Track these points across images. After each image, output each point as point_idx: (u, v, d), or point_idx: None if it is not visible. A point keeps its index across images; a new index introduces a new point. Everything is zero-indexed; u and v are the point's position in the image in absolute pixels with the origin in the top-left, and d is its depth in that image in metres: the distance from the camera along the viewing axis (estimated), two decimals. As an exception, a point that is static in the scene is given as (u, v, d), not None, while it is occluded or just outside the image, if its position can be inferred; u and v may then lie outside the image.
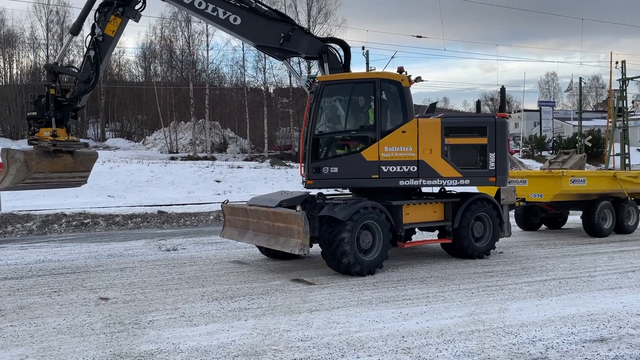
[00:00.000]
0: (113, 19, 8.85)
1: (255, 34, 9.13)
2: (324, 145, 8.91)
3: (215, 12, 8.85)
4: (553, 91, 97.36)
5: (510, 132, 74.56)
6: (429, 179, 8.92)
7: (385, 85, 8.80)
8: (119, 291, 7.33)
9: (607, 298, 6.85)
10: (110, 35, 8.89)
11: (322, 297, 6.94)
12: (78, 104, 8.92)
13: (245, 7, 9.03)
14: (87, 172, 9.13)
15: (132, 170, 24.73)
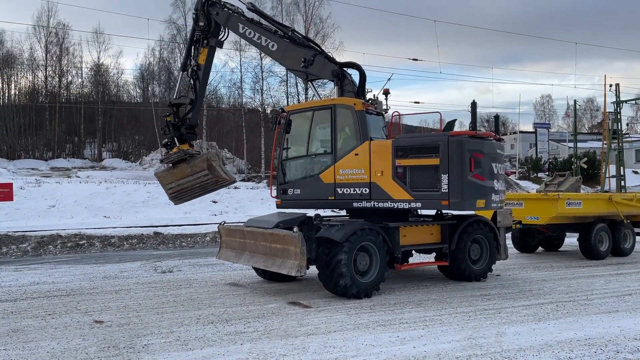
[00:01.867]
0: (202, 50, 10.55)
1: (285, 59, 10.18)
2: (289, 169, 9.62)
3: (259, 40, 10.20)
4: (548, 113, 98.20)
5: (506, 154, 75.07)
6: (381, 202, 8.76)
7: (340, 110, 9.12)
8: (113, 314, 7.27)
9: (605, 322, 6.83)
10: (202, 64, 10.56)
11: (319, 320, 6.90)
12: (189, 122, 10.55)
13: (281, 35, 10.09)
14: (205, 171, 10.02)
15: (129, 190, 24.68)
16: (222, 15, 10.30)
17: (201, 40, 10.49)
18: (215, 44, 10.58)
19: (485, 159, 8.68)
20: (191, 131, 10.57)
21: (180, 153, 10.08)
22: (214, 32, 10.51)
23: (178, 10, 43.01)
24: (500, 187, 9.30)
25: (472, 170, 8.38)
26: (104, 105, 56.66)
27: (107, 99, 59.61)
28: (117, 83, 63.61)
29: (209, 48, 10.49)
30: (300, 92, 44.28)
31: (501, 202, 9.47)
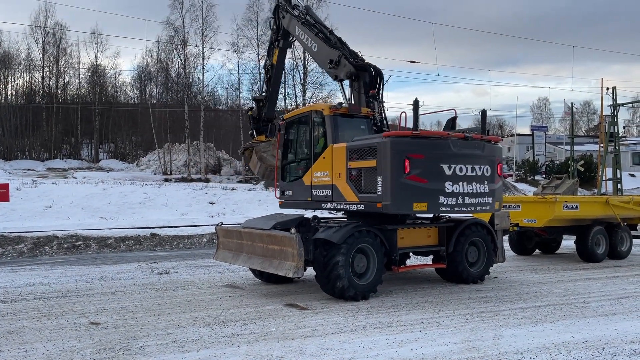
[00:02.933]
0: (275, 51, 11.89)
1: (320, 59, 10.89)
2: (286, 171, 10.04)
3: (307, 41, 10.96)
4: (545, 116, 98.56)
5: (503, 156, 75.21)
6: (339, 203, 8.87)
7: (314, 116, 9.40)
8: (110, 316, 7.23)
9: (602, 325, 6.83)
10: (274, 63, 11.92)
11: (316, 322, 6.88)
12: (265, 116, 11.85)
13: (321, 36, 10.75)
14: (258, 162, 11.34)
15: (125, 191, 24.60)
16: (286, 19, 11.39)
17: (274, 42, 11.88)
18: (284, 45, 11.83)
19: (430, 160, 8.22)
20: (270, 123, 11.77)
21: (250, 143, 11.79)
22: (283, 35, 11.70)
23: (176, 11, 42.98)
24: (461, 189, 8.43)
25: (407, 171, 8.01)
26: (101, 106, 56.60)
27: (104, 99, 59.59)
28: (114, 84, 63.63)
29: (279, 49, 11.78)
30: (297, 93, 44.30)
31: (467, 205, 8.57)
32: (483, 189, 8.78)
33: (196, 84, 45.62)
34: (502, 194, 9.61)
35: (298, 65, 43.56)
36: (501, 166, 9.31)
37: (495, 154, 9.19)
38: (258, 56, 43.32)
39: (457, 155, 8.45)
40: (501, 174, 9.30)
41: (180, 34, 43.17)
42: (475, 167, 8.66)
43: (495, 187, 9.09)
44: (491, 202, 9.04)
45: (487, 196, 8.90)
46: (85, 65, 58.96)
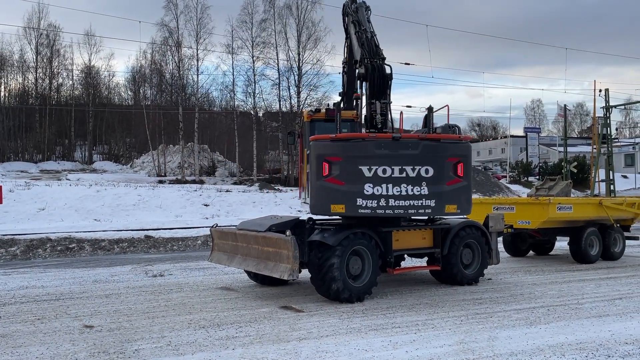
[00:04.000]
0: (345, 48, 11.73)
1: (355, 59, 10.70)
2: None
3: (356, 42, 10.58)
4: (539, 117, 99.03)
5: (497, 158, 75.47)
6: (306, 205, 9.31)
7: (303, 122, 9.83)
8: (104, 319, 7.19)
9: (595, 326, 6.86)
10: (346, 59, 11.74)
11: (311, 325, 6.88)
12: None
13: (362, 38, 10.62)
14: None
15: (119, 193, 24.50)
16: (348, 20, 11.34)
17: (345, 39, 11.92)
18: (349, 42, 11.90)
19: (348, 163, 8.19)
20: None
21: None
22: (347, 32, 11.67)
23: (170, 12, 42.86)
24: (385, 191, 8.16)
25: (326, 174, 8.15)
26: (95, 107, 56.39)
27: (98, 101, 59.37)
28: (108, 85, 63.42)
29: (346, 46, 11.87)
30: (292, 95, 44.30)
31: (394, 208, 8.23)
32: (419, 191, 8.24)
33: (190, 86, 45.53)
34: (463, 195, 8.54)
35: (292, 67, 43.59)
36: (462, 166, 8.45)
37: (445, 153, 8.41)
38: (252, 58, 43.31)
39: (380, 156, 8.21)
40: (462, 174, 8.47)
41: (174, 36, 43.08)
42: (407, 168, 8.21)
43: (443, 189, 8.33)
44: (434, 205, 8.31)
45: (426, 198, 8.27)
46: (79, 67, 58.78)
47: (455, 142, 8.62)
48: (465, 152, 8.64)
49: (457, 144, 8.61)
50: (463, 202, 8.61)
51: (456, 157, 8.45)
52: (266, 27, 43.37)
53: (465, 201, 8.68)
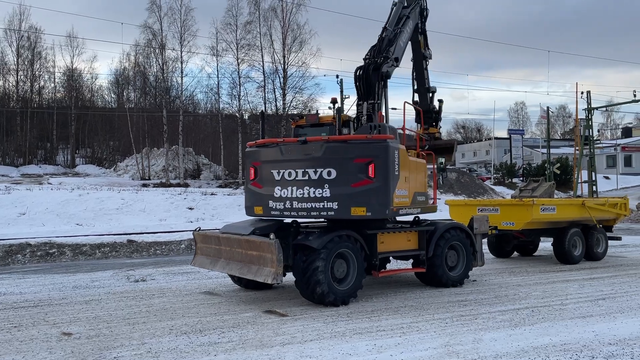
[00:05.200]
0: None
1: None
2: None
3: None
4: (522, 119, 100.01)
5: (481, 160, 75.95)
6: None
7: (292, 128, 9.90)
8: (83, 325, 7.03)
9: (579, 327, 6.87)
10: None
11: (295, 329, 6.79)
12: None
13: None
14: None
15: (102, 197, 24.17)
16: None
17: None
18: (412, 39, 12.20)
19: (264, 167, 8.64)
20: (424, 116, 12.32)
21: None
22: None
23: (154, 15, 42.43)
24: (289, 193, 8.34)
25: (252, 178, 8.89)
26: (78, 110, 55.66)
27: (80, 104, 58.61)
28: (91, 88, 62.64)
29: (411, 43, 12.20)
30: (277, 98, 44.18)
31: (297, 210, 8.30)
32: (321, 193, 8.14)
33: (175, 88, 45.16)
34: (375, 197, 8.06)
35: (278, 70, 43.48)
36: (373, 166, 8.02)
37: (352, 154, 8.12)
38: (237, 60, 43.10)
39: (287, 160, 8.43)
40: (373, 175, 7.99)
41: (158, 38, 42.72)
42: (309, 170, 8.21)
43: (348, 191, 8.05)
44: (337, 207, 8.07)
45: (327, 201, 8.11)
46: (61, 69, 57.98)
47: (364, 142, 8.14)
48: (377, 152, 8.06)
49: (367, 144, 8.12)
50: (374, 203, 8.03)
51: (366, 158, 8.02)
52: (251, 30, 43.15)
53: (378, 203, 8.05)
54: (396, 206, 8.37)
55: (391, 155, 8.18)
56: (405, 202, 8.74)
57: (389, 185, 8.13)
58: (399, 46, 10.76)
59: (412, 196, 8.99)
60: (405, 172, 8.66)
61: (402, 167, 8.49)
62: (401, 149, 8.60)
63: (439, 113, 13.01)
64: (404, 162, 8.59)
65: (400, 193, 8.50)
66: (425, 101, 12.76)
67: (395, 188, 8.30)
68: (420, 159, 9.70)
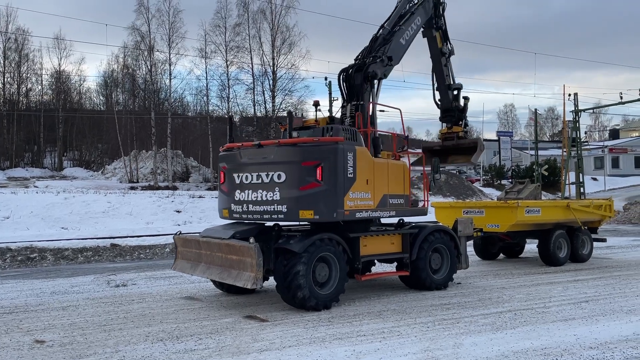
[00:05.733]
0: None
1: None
2: None
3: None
4: (511, 122, 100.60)
5: (471, 161, 76.08)
6: None
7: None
8: (57, 333, 6.87)
9: (561, 330, 6.82)
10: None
11: (274, 335, 6.68)
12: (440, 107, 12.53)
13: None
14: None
15: (88, 200, 23.89)
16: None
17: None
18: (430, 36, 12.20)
19: (229, 171, 8.82)
20: (447, 113, 12.38)
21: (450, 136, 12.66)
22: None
23: (141, 16, 42.22)
24: (247, 197, 8.42)
25: (221, 182, 9.05)
26: (65, 113, 55.18)
27: (68, 106, 58.11)
28: (79, 90, 62.13)
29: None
30: (267, 100, 44.05)
31: (253, 213, 8.34)
32: (271, 197, 8.13)
33: (164, 90, 44.91)
34: (323, 200, 7.89)
35: (267, 72, 43.37)
36: (321, 169, 7.86)
37: (301, 157, 8.03)
38: (226, 62, 42.94)
39: (245, 164, 8.60)
40: (321, 178, 7.82)
41: (146, 40, 42.45)
42: (262, 174, 8.27)
43: (296, 194, 7.96)
44: (286, 211, 8.03)
45: (277, 204, 8.07)
46: (49, 71, 57.48)
47: (313, 145, 8.05)
48: (326, 155, 7.90)
49: (315, 147, 8.02)
50: (322, 207, 7.89)
51: (314, 161, 7.91)
52: (240, 32, 43.06)
53: (325, 206, 7.89)
54: (349, 209, 8.09)
55: (341, 158, 7.96)
56: (366, 205, 8.40)
57: (337, 188, 7.94)
58: (397, 44, 10.50)
59: (379, 199, 8.65)
60: (366, 175, 8.37)
61: (360, 170, 8.22)
62: (359, 151, 8.29)
63: (463, 111, 12.61)
64: (363, 164, 8.31)
65: (356, 196, 8.20)
66: (447, 99, 12.40)
67: (347, 191, 8.04)
68: (397, 161, 9.43)
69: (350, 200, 8.13)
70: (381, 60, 9.99)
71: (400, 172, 9.29)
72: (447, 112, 12.34)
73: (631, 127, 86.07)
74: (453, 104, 12.47)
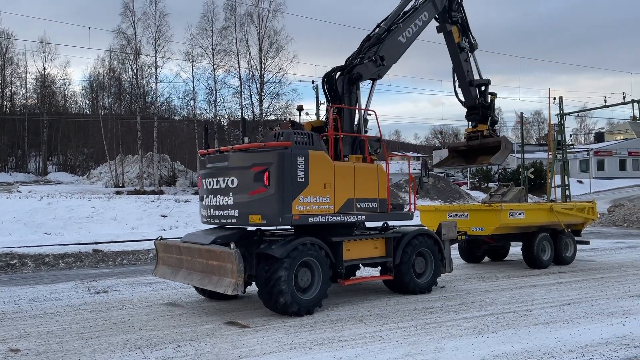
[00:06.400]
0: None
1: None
2: None
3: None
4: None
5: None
6: None
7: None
8: (33, 341, 6.73)
9: (542, 333, 6.82)
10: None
11: (255, 341, 6.60)
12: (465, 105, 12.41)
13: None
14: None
15: (72, 205, 23.62)
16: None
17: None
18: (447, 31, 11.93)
19: (203, 178, 8.99)
20: (472, 112, 12.12)
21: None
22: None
23: (127, 20, 42.00)
24: (209, 202, 8.58)
25: (199, 187, 9.25)
26: (50, 117, 54.59)
27: (53, 110, 57.52)
28: (64, 94, 61.54)
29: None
30: (254, 103, 43.94)
31: (213, 217, 8.52)
32: (226, 202, 8.29)
33: (150, 94, 44.61)
34: (269, 205, 7.87)
35: (254, 75, 43.28)
36: (268, 174, 7.87)
37: (250, 162, 8.09)
38: (213, 66, 42.80)
39: (210, 170, 8.75)
40: (268, 183, 7.85)
41: (132, 43, 42.19)
42: (220, 179, 8.42)
43: (246, 199, 8.04)
44: (238, 215, 8.11)
45: (231, 209, 8.20)
46: (33, 75, 56.87)
47: (261, 150, 8.08)
48: (271, 160, 7.90)
49: (263, 152, 8.04)
50: (268, 212, 7.88)
51: (261, 166, 7.96)
52: (227, 35, 43.00)
53: (272, 211, 7.85)
54: (300, 214, 7.98)
55: (287, 163, 7.89)
56: (324, 209, 8.26)
57: (285, 192, 7.87)
58: (394, 43, 10.26)
59: (342, 203, 8.47)
60: (324, 179, 8.23)
61: (314, 174, 8.10)
62: (313, 155, 8.14)
63: (488, 108, 12.03)
64: (319, 168, 8.18)
65: (308, 200, 8.07)
66: (469, 96, 11.88)
67: (297, 195, 7.94)
68: (368, 164, 9.11)
69: (300, 204, 7.99)
70: (371, 60, 9.82)
71: (371, 175, 9.01)
72: (471, 110, 11.82)
73: (616, 130, 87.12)
74: (477, 101, 11.90)
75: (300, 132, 8.40)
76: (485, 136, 11.99)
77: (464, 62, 11.85)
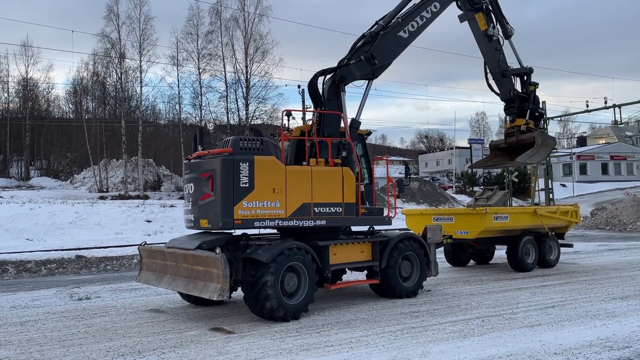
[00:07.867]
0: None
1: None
2: None
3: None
4: (483, 129, 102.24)
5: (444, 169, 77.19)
6: None
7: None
8: (13, 349, 6.60)
9: (527, 336, 6.86)
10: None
11: (240, 347, 6.54)
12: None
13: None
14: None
15: (55, 211, 23.29)
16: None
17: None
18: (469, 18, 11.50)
19: (185, 183, 9.09)
20: (508, 105, 11.51)
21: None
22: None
23: (111, 23, 41.66)
24: (185, 206, 8.80)
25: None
26: (33, 121, 53.88)
27: (36, 114, 56.80)
28: (47, 98, 60.80)
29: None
30: (240, 107, 43.82)
31: (188, 221, 8.70)
32: (188, 206, 8.68)
33: (135, 98, 44.25)
34: (213, 209, 8.04)
35: (240, 79, 43.18)
36: (212, 180, 8.05)
37: (201, 169, 8.37)
38: (199, 70, 42.61)
39: (187, 176, 8.99)
40: (212, 189, 8.02)
41: (116, 47, 41.86)
42: (188, 185, 8.79)
43: (198, 204, 8.31)
44: (194, 220, 8.45)
45: (190, 213, 8.59)
46: (15, 79, 56.11)
47: (207, 158, 8.34)
48: (214, 167, 8.09)
49: (208, 160, 8.28)
50: (212, 216, 8.09)
51: (207, 173, 8.21)
52: (212, 39, 42.87)
53: (214, 215, 8.03)
54: (243, 218, 7.97)
55: (229, 169, 7.93)
56: (273, 214, 8.18)
57: (226, 197, 7.91)
58: (392, 40, 10.01)
59: (295, 208, 8.35)
60: (272, 183, 8.17)
61: (261, 179, 8.06)
62: (259, 160, 8.09)
63: (526, 100, 10.98)
64: (267, 173, 8.14)
65: (253, 205, 8.01)
66: (504, 88, 11.01)
67: (240, 200, 7.93)
68: (330, 167, 8.86)
69: (243, 209, 7.96)
70: (360, 60, 9.64)
71: (334, 179, 8.81)
72: (509, 103, 10.99)
73: (598, 135, 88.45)
74: (512, 93, 10.99)
75: (249, 138, 8.36)
76: (522, 132, 11.11)
77: (494, 52, 10.92)
